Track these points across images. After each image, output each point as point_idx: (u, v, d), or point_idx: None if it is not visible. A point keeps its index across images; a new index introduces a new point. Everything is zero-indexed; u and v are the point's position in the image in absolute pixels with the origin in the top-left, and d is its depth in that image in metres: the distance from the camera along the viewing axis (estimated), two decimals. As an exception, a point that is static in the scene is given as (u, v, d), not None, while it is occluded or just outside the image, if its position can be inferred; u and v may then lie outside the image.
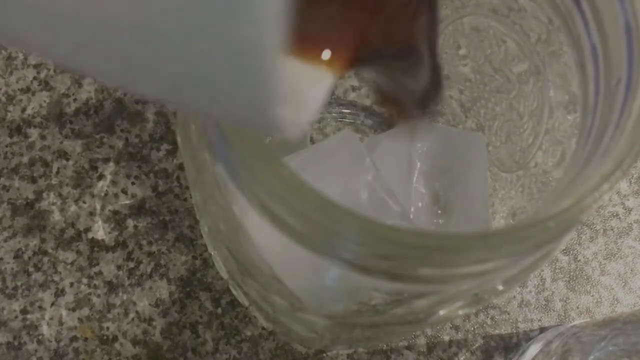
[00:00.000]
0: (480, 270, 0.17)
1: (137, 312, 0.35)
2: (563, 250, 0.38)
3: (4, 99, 0.38)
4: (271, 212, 0.17)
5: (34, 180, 0.37)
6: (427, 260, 0.16)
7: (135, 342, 0.35)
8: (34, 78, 0.39)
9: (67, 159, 0.37)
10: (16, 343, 0.34)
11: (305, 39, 0.16)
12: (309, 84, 0.16)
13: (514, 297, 0.37)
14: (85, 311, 0.35)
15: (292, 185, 0.16)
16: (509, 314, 0.37)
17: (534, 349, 0.36)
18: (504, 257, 0.17)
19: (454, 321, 0.37)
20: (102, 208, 0.37)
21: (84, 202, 0.37)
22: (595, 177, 0.19)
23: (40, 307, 0.35)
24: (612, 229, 0.39)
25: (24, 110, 0.38)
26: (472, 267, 0.17)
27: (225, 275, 0.32)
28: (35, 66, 0.39)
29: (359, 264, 0.17)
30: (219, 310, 0.35)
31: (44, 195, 0.37)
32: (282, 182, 0.16)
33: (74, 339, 0.35)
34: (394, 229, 0.15)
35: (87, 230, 0.36)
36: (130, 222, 0.36)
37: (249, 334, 0.35)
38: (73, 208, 0.36)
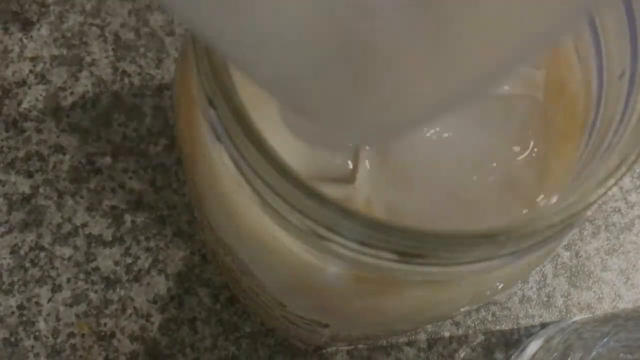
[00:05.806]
0: (483, 268, 0.17)
1: (134, 308, 0.35)
2: (565, 245, 0.38)
3: (-1, 92, 0.38)
4: (272, 209, 0.16)
5: (30, 175, 0.36)
6: (430, 257, 0.15)
7: (133, 339, 0.35)
8: (30, 71, 0.38)
9: (64, 154, 0.37)
10: (13, 339, 0.34)
11: None
12: None
13: (515, 293, 0.37)
14: (82, 307, 0.35)
15: (294, 183, 0.15)
16: (509, 309, 0.37)
17: (534, 345, 0.35)
18: (508, 254, 0.16)
19: (454, 317, 0.36)
20: (99, 203, 0.36)
21: (81, 197, 0.36)
22: (600, 172, 0.18)
23: (37, 303, 0.35)
24: (614, 225, 0.39)
25: (19, 103, 0.38)
26: (476, 265, 0.16)
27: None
28: (32, 59, 0.38)
29: (360, 261, 0.16)
30: (218, 306, 0.35)
31: (41, 190, 0.36)
32: (284, 178, 0.15)
33: (71, 335, 0.34)
34: (396, 227, 0.15)
35: (84, 225, 0.36)
36: (127, 217, 0.36)
37: (248, 330, 0.35)
38: (70, 203, 0.36)
